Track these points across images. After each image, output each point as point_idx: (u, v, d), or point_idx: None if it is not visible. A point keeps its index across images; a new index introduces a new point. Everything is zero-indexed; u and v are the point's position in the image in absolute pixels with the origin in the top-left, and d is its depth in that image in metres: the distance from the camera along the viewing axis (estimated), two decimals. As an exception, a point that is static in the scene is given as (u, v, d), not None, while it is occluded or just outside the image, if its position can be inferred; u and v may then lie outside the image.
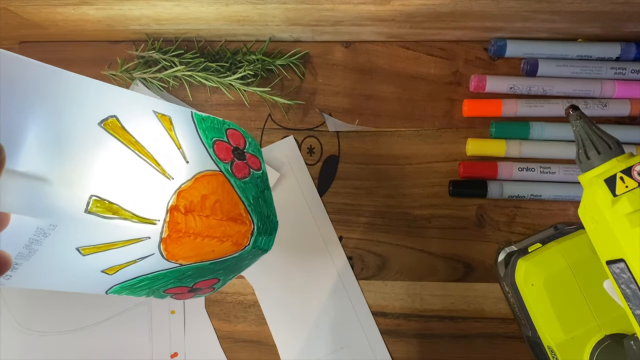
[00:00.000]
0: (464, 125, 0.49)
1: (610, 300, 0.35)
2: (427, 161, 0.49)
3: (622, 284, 0.30)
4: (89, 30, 0.48)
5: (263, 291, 0.49)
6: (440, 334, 0.48)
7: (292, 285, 0.48)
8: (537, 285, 0.40)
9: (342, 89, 0.49)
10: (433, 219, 0.48)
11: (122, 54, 0.50)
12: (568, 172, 0.46)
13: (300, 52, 0.49)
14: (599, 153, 0.31)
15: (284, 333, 0.48)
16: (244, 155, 0.32)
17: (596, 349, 0.38)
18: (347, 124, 0.49)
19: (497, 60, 0.49)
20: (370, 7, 0.41)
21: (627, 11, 0.41)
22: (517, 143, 0.47)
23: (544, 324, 0.40)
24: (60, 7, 0.42)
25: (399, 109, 0.49)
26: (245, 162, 0.31)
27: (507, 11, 0.42)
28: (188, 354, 0.48)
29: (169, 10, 0.43)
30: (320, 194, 0.49)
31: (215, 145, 0.30)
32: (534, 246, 0.43)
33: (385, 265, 0.48)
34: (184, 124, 0.29)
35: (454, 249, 0.48)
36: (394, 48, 0.49)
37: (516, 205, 0.48)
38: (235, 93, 0.49)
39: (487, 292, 0.48)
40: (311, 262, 0.48)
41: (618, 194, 0.29)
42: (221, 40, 0.50)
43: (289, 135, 0.50)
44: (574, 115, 0.32)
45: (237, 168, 0.30)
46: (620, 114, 0.47)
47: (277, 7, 0.42)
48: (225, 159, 0.30)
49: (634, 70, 0.47)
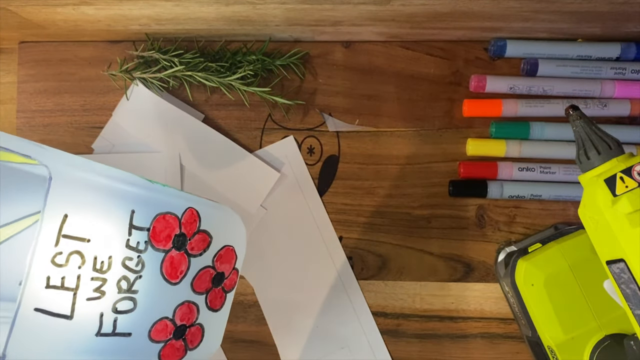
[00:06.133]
0: (464, 125, 0.49)
1: (610, 300, 0.35)
2: (427, 161, 0.49)
3: (622, 284, 0.30)
4: (88, 30, 0.48)
5: (263, 291, 0.49)
6: (440, 334, 0.48)
7: (292, 285, 0.48)
8: (537, 285, 0.40)
9: (342, 89, 0.49)
10: (433, 219, 0.48)
11: (122, 54, 0.50)
12: (568, 172, 0.46)
13: (300, 52, 0.49)
14: (599, 153, 0.31)
15: (284, 333, 0.48)
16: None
17: (596, 349, 0.38)
18: (347, 124, 0.49)
19: (497, 60, 0.49)
20: (370, 7, 0.41)
21: (627, 11, 0.41)
22: (517, 143, 0.47)
23: (544, 324, 0.40)
24: (60, 7, 0.42)
25: (399, 109, 0.49)
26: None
27: (507, 11, 0.42)
28: (188, 354, 0.48)
29: (169, 10, 0.43)
30: (320, 194, 0.49)
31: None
32: (534, 246, 0.43)
33: (385, 265, 0.48)
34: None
35: (454, 249, 0.48)
36: (394, 48, 0.49)
37: (516, 205, 0.48)
38: (235, 93, 0.49)
39: (487, 292, 0.48)
40: (311, 262, 0.48)
41: (618, 194, 0.29)
42: (221, 40, 0.50)
43: (289, 135, 0.50)
44: (574, 115, 0.32)
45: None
46: (620, 114, 0.47)
47: (277, 7, 0.42)
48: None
49: (634, 70, 0.47)
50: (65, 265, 0.23)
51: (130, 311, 0.25)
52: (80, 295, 0.23)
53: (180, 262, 0.28)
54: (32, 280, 0.22)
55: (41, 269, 0.22)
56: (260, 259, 0.49)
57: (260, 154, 0.49)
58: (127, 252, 0.25)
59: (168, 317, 0.27)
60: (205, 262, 0.30)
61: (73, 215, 0.23)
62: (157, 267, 0.27)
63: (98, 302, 0.24)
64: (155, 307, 0.27)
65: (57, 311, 0.23)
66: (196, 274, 0.29)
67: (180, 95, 0.50)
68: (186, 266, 0.28)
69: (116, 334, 0.25)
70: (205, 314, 0.30)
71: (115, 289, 0.25)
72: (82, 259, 0.24)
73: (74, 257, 0.23)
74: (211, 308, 0.31)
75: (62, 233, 0.23)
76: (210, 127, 0.49)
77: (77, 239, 0.23)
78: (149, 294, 0.26)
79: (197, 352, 0.30)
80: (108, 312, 0.25)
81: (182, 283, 0.28)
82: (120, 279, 0.25)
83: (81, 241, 0.24)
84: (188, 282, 0.29)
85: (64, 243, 0.23)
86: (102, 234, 0.25)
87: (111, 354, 0.25)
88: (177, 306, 0.28)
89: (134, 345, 0.26)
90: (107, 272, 0.25)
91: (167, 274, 0.27)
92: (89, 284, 0.24)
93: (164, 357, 0.27)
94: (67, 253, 0.23)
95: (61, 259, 0.23)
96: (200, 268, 0.29)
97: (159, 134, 0.49)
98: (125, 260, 0.25)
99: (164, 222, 0.27)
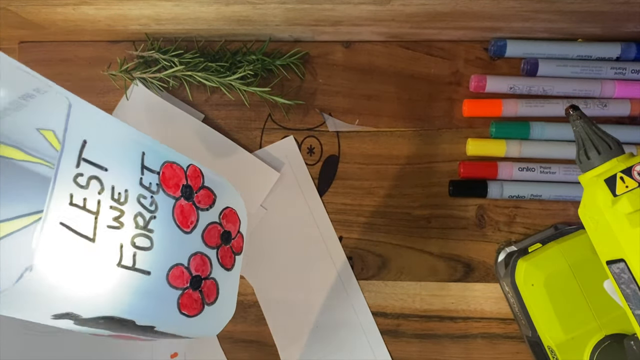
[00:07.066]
0: (464, 125, 0.49)
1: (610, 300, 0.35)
2: (427, 161, 0.49)
3: (622, 284, 0.30)
4: (88, 30, 0.48)
5: (263, 291, 0.49)
6: (440, 334, 0.48)
7: (292, 286, 0.48)
8: (537, 286, 0.40)
9: (342, 89, 0.49)
10: (433, 219, 0.48)
11: (122, 54, 0.50)
12: (568, 172, 0.46)
13: (300, 52, 0.49)
14: (599, 153, 0.31)
15: (284, 333, 0.48)
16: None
17: (596, 349, 0.38)
18: (347, 124, 0.49)
19: (497, 60, 0.49)
20: (370, 7, 0.41)
21: (627, 11, 0.41)
22: (517, 143, 0.47)
23: (544, 324, 0.40)
24: (60, 7, 0.42)
25: (399, 109, 0.49)
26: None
27: (507, 11, 0.42)
28: (188, 354, 0.48)
29: (169, 10, 0.43)
30: (320, 194, 0.49)
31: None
32: (534, 246, 0.43)
33: (385, 265, 0.48)
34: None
35: (454, 249, 0.48)
36: (394, 48, 0.49)
37: (516, 205, 0.48)
38: (235, 93, 0.49)
39: (487, 292, 0.48)
40: (311, 262, 0.48)
41: (618, 194, 0.29)
42: (221, 40, 0.50)
43: (289, 135, 0.50)
44: (574, 115, 0.32)
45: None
46: (620, 114, 0.47)
47: (277, 7, 0.42)
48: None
49: (634, 70, 0.47)
50: (86, 188, 0.24)
51: (148, 249, 0.27)
52: (100, 221, 0.25)
53: (190, 212, 0.30)
54: (56, 194, 0.22)
55: (64, 186, 0.23)
56: (260, 259, 0.49)
57: (260, 154, 0.49)
58: (140, 189, 0.27)
59: (183, 264, 0.30)
60: (213, 218, 0.33)
61: (91, 142, 0.24)
62: (169, 212, 0.29)
63: (117, 232, 0.25)
64: (170, 251, 0.29)
65: (80, 231, 0.23)
66: (205, 227, 0.32)
67: (180, 95, 0.50)
68: (195, 218, 0.31)
69: (136, 269, 0.26)
70: (218, 270, 0.33)
71: (133, 224, 0.26)
72: (101, 186, 0.25)
73: (94, 182, 0.24)
74: (223, 265, 0.33)
75: (82, 156, 0.24)
76: (210, 127, 0.49)
77: (95, 165, 0.25)
78: (164, 237, 0.28)
79: (213, 310, 0.32)
80: (127, 245, 0.26)
81: (193, 233, 0.31)
82: (136, 215, 0.27)
83: (99, 168, 0.25)
84: (199, 234, 0.31)
85: (84, 166, 0.24)
86: (118, 167, 0.26)
87: (134, 291, 0.27)
88: (190, 255, 0.30)
89: (154, 288, 0.28)
90: (124, 204, 0.26)
91: (179, 221, 0.29)
92: (108, 213, 0.25)
93: (183, 307, 0.29)
94: (87, 176, 0.24)
95: (82, 180, 0.24)
96: (208, 222, 0.32)
97: (159, 133, 0.49)
98: (140, 197, 0.27)
99: (172, 170, 0.30)
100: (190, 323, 0.30)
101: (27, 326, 0.49)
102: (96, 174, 0.24)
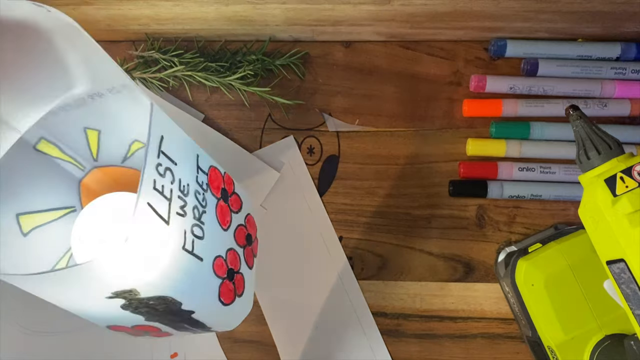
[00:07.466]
0: (464, 125, 0.49)
1: (610, 300, 0.35)
2: (427, 161, 0.49)
3: (622, 284, 0.30)
4: (88, 30, 0.48)
5: (263, 291, 0.49)
6: (440, 334, 0.48)
7: (292, 286, 0.48)
8: (537, 286, 0.40)
9: (342, 89, 0.49)
10: (433, 219, 0.48)
11: (122, 54, 0.50)
12: (568, 172, 0.46)
13: (300, 52, 0.49)
14: (599, 153, 0.31)
15: (284, 333, 0.48)
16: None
17: (596, 349, 0.38)
18: (347, 124, 0.49)
19: (497, 60, 0.49)
20: (370, 7, 0.41)
21: (627, 11, 0.41)
22: (517, 143, 0.47)
23: (544, 324, 0.40)
24: (61, 7, 0.42)
25: (399, 109, 0.49)
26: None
27: (507, 11, 0.42)
28: (188, 354, 0.48)
29: (168, 10, 0.43)
30: (320, 194, 0.49)
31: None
32: (534, 246, 0.43)
33: (385, 265, 0.48)
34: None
35: (454, 249, 0.48)
36: (394, 48, 0.49)
37: (516, 205, 0.48)
38: (235, 93, 0.49)
39: (487, 292, 0.48)
40: (311, 262, 0.48)
41: (618, 194, 0.29)
42: (221, 40, 0.50)
43: (289, 135, 0.50)
44: (574, 115, 0.32)
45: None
46: (620, 114, 0.47)
47: (277, 7, 0.42)
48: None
49: (634, 70, 0.47)
50: (163, 176, 0.26)
51: (201, 239, 0.30)
52: (172, 207, 0.27)
53: (226, 212, 0.34)
54: (146, 178, 0.24)
55: (150, 172, 0.25)
56: (260, 259, 0.49)
57: (260, 154, 0.49)
58: (196, 186, 0.30)
59: (222, 256, 0.32)
60: (240, 221, 0.36)
61: (166, 138, 0.27)
62: (213, 210, 0.32)
63: (182, 219, 0.28)
64: (214, 243, 0.32)
65: (160, 213, 0.26)
66: (236, 228, 0.35)
67: (180, 95, 0.50)
68: (230, 218, 0.34)
69: (194, 254, 0.29)
70: (244, 267, 0.35)
71: (192, 214, 0.29)
72: (173, 177, 0.27)
73: (168, 173, 0.27)
74: (247, 263, 0.36)
75: (161, 149, 0.26)
76: (210, 127, 0.49)
77: (169, 158, 0.27)
78: (210, 230, 0.31)
79: (240, 302, 0.35)
80: (188, 232, 0.29)
81: (228, 231, 0.34)
82: (194, 207, 0.29)
83: (171, 162, 0.27)
84: (232, 232, 0.34)
85: (162, 158, 0.26)
86: (183, 163, 0.29)
87: (189, 274, 0.29)
88: (227, 250, 0.33)
89: (203, 274, 0.30)
90: (187, 196, 0.29)
91: (219, 219, 0.33)
92: (177, 201, 0.28)
93: (222, 294, 0.32)
94: (164, 167, 0.27)
95: (161, 170, 0.26)
96: (238, 224, 0.35)
97: (159, 134, 0.49)
98: (196, 193, 0.30)
99: (215, 174, 0.33)
100: (222, 311, 0.33)
101: (27, 326, 0.49)
102: (169, 166, 0.27)
